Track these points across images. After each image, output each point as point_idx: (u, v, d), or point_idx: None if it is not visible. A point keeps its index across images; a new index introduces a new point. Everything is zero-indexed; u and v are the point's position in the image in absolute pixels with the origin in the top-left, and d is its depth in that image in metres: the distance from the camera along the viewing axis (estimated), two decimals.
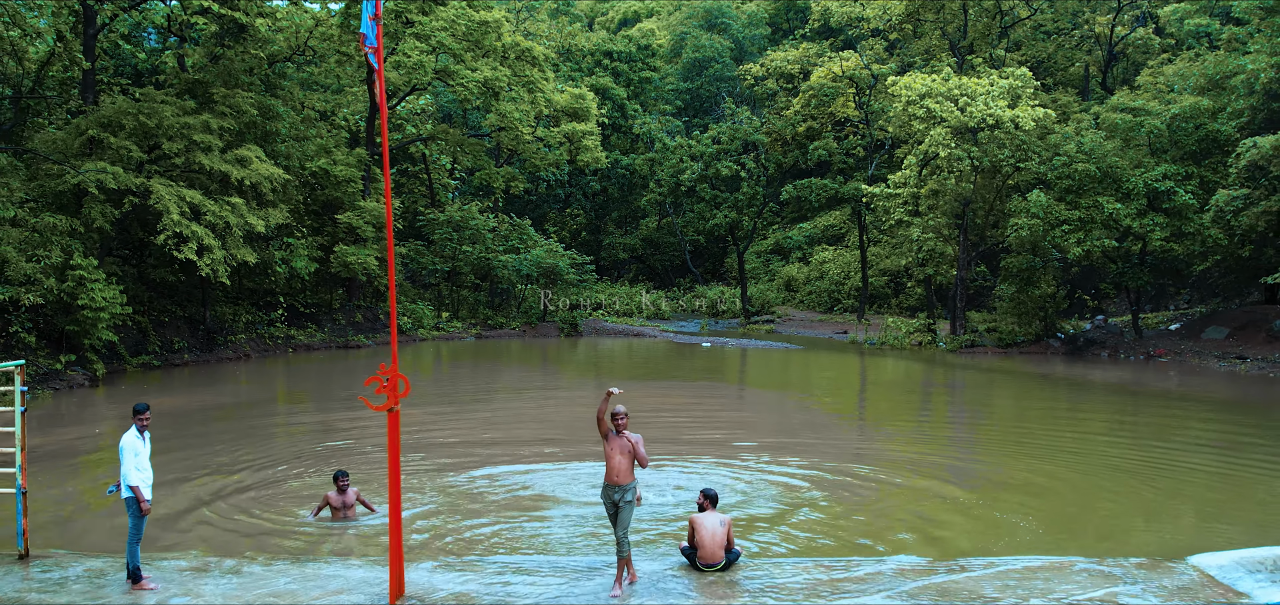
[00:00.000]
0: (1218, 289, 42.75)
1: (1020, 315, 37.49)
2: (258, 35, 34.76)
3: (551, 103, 46.18)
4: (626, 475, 9.65)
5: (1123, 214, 33.23)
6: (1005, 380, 29.92)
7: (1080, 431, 20.51)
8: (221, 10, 29.69)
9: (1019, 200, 35.05)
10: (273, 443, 19.24)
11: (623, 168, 63.04)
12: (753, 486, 14.83)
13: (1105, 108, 37.33)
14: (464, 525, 12.79)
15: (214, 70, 33.19)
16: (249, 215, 29.17)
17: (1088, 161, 33.92)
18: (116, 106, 28.51)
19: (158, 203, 27.20)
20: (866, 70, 52.14)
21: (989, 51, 48.21)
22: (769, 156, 55.17)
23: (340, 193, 38.80)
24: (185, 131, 28.66)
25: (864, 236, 53.08)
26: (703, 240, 63.72)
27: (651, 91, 67.58)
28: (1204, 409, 23.90)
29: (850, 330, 45.97)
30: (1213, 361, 33.50)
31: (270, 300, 36.81)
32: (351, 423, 21.74)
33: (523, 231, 48.12)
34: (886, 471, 16.14)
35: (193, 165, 28.98)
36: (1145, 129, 34.76)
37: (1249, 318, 36.72)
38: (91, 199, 26.86)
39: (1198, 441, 19.28)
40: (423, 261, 45.15)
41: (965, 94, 36.30)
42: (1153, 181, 33.57)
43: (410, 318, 41.84)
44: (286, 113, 35.63)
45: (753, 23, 76.71)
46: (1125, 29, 52.00)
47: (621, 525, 9.63)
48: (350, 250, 37.20)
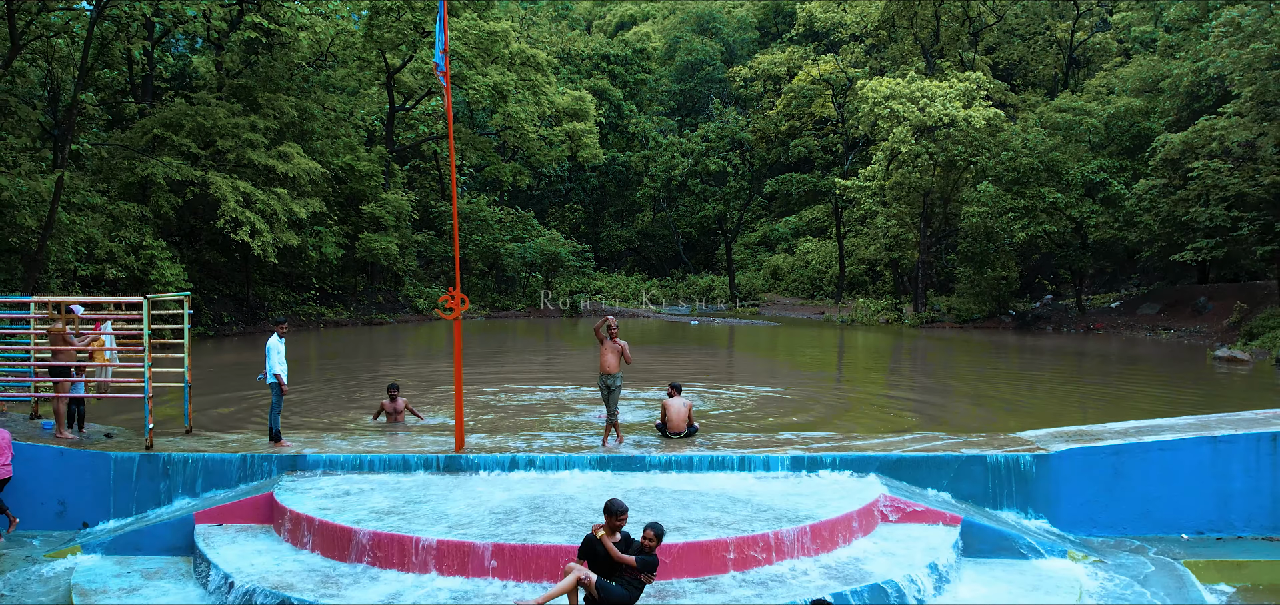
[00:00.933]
0: (1161, 273, 47.01)
1: (976, 295, 41.74)
2: (288, 42, 38.87)
3: (554, 104, 50.35)
4: (615, 368, 13.87)
5: (1062, 202, 37.48)
6: (954, 346, 34.19)
7: (994, 378, 24.80)
8: (269, 25, 33.91)
9: (971, 191, 39.30)
10: (330, 380, 23.44)
11: (619, 164, 67.18)
12: (722, 401, 19.10)
13: (1049, 108, 41.59)
14: (499, 422, 17.00)
15: (252, 75, 37.31)
16: (292, 204, 33.44)
17: (1031, 156, 38.16)
18: (177, 109, 32.72)
19: (216, 192, 31.43)
20: (842, 73, 56.33)
21: (959, 55, 52.45)
22: (754, 153, 59.38)
23: (364, 186, 43.00)
24: (236, 131, 32.90)
25: (841, 227, 57.28)
26: (695, 232, 67.89)
27: (646, 92, 71.69)
28: (1103, 364, 28.24)
29: (826, 312, 50.21)
30: (1143, 333, 37.78)
31: (303, 282, 41.03)
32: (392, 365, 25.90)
33: (527, 222, 52.31)
34: (834, 394, 20.41)
35: (243, 160, 33.22)
36: (1084, 127, 38.99)
37: (1179, 296, 41.01)
38: (158, 189, 31.08)
39: (1077, 382, 23.62)
40: (436, 249, 49.33)
41: (925, 96, 40.54)
42: (1089, 173, 37.81)
43: (426, 299, 46.03)
44: (320, 114, 39.85)
45: (742, 27, 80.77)
46: (1085, 34, 56.23)
47: (613, 402, 13.85)
48: (373, 237, 41.42)
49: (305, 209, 34.49)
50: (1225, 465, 13.33)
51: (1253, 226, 30.61)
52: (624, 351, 13.94)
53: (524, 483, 12.50)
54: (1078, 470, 13.24)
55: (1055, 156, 38.12)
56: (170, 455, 13.12)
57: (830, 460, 13.15)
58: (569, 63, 68.48)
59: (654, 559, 8.70)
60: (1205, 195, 32.45)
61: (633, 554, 8.66)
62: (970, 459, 13.18)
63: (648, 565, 8.67)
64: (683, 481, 12.55)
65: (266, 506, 12.02)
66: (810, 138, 57.30)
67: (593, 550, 8.69)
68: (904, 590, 10.12)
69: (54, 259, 26.74)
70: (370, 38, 41.71)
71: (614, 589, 8.50)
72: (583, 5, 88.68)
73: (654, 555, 8.70)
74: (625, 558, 8.60)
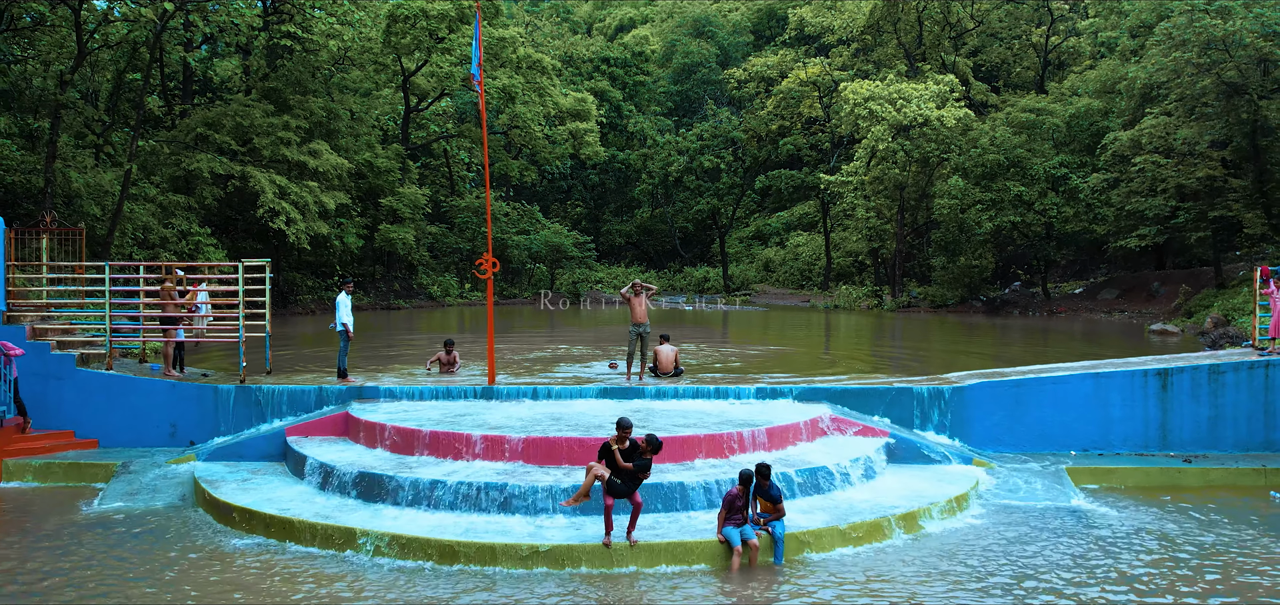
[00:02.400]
0: (1123, 263, 50.32)
1: (949, 282, 45.05)
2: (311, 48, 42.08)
3: (558, 105, 53.66)
4: (645, 318, 17.20)
5: (1027, 195, 40.77)
6: (925, 325, 37.50)
7: (950, 347, 28.13)
8: (303, 35, 37.24)
9: (943, 184, 42.60)
10: (366, 350, 26.73)
11: (619, 162, 70.50)
12: (712, 358, 22.41)
13: (1015, 108, 44.90)
14: (518, 372, 20.29)
15: (278, 78, 40.55)
16: (322, 196, 36.77)
17: (997, 152, 41.46)
18: (217, 110, 36.06)
19: (254, 185, 34.75)
20: (828, 76, 59.66)
21: (941, 58, 55.73)
22: (746, 151, 62.71)
23: (381, 181, 46.30)
24: (271, 129, 36.22)
25: (827, 221, 60.59)
26: (691, 227, 71.23)
27: (645, 94, 75.02)
28: (1054, 337, 31.54)
29: (811, 300, 53.55)
30: (1100, 314, 41.09)
31: (328, 269, 44.36)
32: (412, 339, 29.15)
33: (532, 216, 55.61)
34: (808, 356, 23.71)
35: (277, 156, 36.53)
36: (1047, 126, 42.30)
37: (1136, 281, 44.35)
38: (202, 181, 34.39)
39: (1023, 347, 26.92)
40: (447, 241, 52.65)
41: (902, 97, 43.84)
42: (1051, 168, 41.10)
43: (439, 287, 49.35)
44: (344, 114, 43.20)
45: (737, 30, 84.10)
46: (1059, 39, 59.53)
47: (645, 346, 17.19)
48: (391, 228, 44.72)
49: (333, 201, 37.83)
50: (1105, 396, 16.59)
51: (1188, 215, 33.88)
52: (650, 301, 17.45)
53: (544, 406, 15.81)
54: (986, 400, 16.53)
55: (1020, 153, 41.43)
56: (261, 387, 16.42)
57: (789, 391, 16.45)
58: (571, 65, 71.79)
59: (648, 461, 11.78)
60: (1152, 188, 35.74)
61: (634, 459, 11.76)
62: (901, 390, 16.48)
63: (643, 465, 11.76)
64: (670, 405, 15.85)
65: (342, 423, 15.32)
66: (799, 136, 60.61)
67: (608, 453, 11.82)
68: (834, 475, 13.41)
69: (116, 245, 30.01)
70: (388, 44, 44.99)
71: (619, 483, 11.61)
72: (583, 9, 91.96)
73: (648, 459, 11.78)
74: (626, 465, 11.71)
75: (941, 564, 10.80)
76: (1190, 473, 15.26)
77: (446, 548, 10.94)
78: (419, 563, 10.84)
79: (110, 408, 16.43)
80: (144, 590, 10.06)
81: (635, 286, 17.46)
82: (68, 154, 31.06)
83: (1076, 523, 12.62)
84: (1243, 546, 11.55)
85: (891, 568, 10.71)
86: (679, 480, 12.44)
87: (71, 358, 16.57)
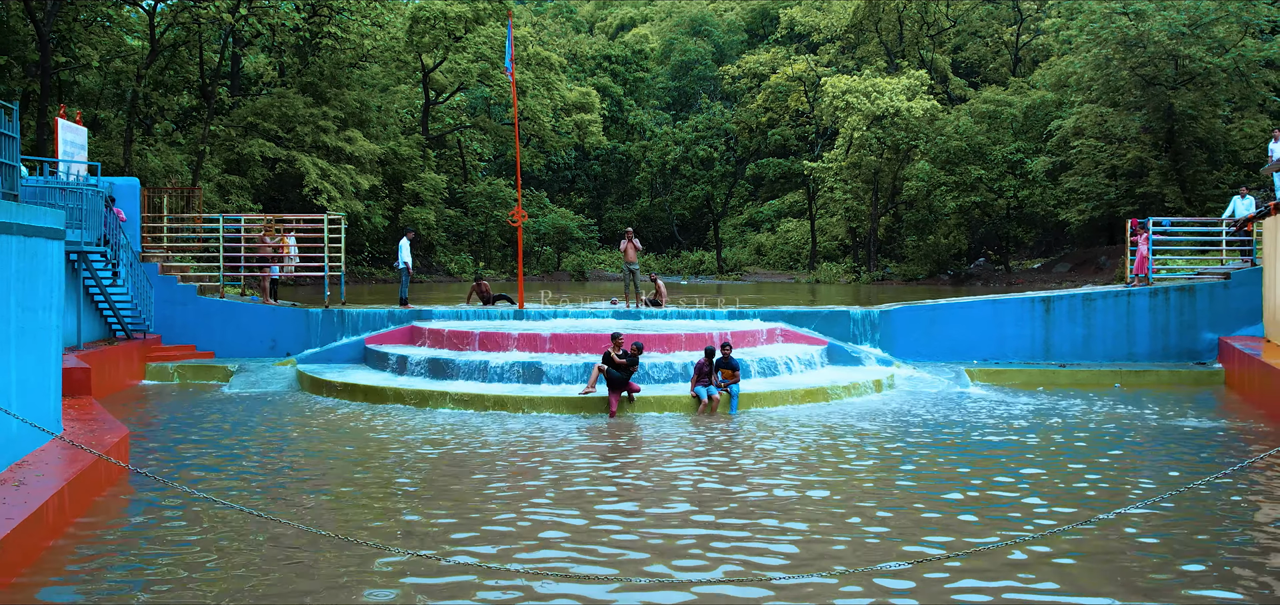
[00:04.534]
0: (1079, 241, 54.99)
1: (920, 259, 49.70)
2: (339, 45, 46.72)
3: (564, 98, 58.33)
4: (634, 259, 21.85)
5: (986, 178, 45.43)
6: (896, 292, 42.14)
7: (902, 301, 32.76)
8: (341, 35, 41.92)
9: (912, 169, 47.26)
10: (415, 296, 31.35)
11: (620, 154, 75.14)
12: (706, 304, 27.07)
13: (977, 99, 49.55)
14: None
15: (312, 73, 45.22)
16: (357, 178, 41.48)
17: (960, 139, 46.12)
18: (264, 101, 40.76)
19: (300, 167, 39.44)
20: (813, 72, 64.36)
21: (920, 54, 60.36)
22: (738, 141, 67.39)
23: (404, 167, 50.99)
24: (312, 118, 40.92)
25: (813, 206, 65.27)
26: (688, 215, 75.86)
27: (644, 89, 79.62)
28: None
29: (796, 277, 58.27)
30: (1053, 285, 45.67)
31: (357, 247, 49.02)
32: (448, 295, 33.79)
33: (540, 201, 60.27)
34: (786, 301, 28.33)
35: (317, 142, 41.21)
36: (1005, 116, 46.96)
37: (1087, 256, 48.99)
38: (254, 163, 39.08)
39: None
40: (463, 223, 57.34)
41: (876, 90, 48.49)
42: (1008, 154, 45.75)
43: (456, 264, 54.02)
44: (372, 105, 47.91)
45: (732, 29, 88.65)
46: (1029, 36, 64.17)
47: (635, 280, 21.84)
48: (414, 210, 49.39)
49: (367, 182, 42.52)
50: (1001, 318, 21.26)
51: (1118, 191, 38.55)
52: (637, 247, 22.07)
53: (565, 323, 20.49)
54: (908, 321, 21.20)
55: (980, 140, 46.09)
56: (343, 310, 21.12)
57: (753, 314, 21.14)
58: (575, 62, 76.42)
59: (636, 360, 16.21)
60: (1093, 169, 40.40)
61: (625, 357, 16.21)
62: (841, 312, 21.17)
63: (632, 360, 16.22)
64: (659, 323, 20.53)
65: (408, 334, 20.00)
66: (786, 128, 65.29)
67: (608, 357, 16.31)
68: (782, 365, 18.08)
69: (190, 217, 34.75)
70: (410, 42, 49.65)
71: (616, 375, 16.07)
72: (585, 8, 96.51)
73: (636, 358, 16.20)
74: (621, 362, 16.17)
75: (857, 417, 15.42)
76: (1062, 374, 19.88)
77: (498, 399, 15.62)
78: (477, 412, 15.50)
79: (223, 327, 21.11)
80: (283, 421, 14.74)
81: (628, 234, 22.05)
82: (136, 138, 35.72)
83: (965, 398, 17.29)
84: (1077, 409, 16.24)
85: (820, 417, 15.34)
86: (666, 361, 17.13)
87: (193, 288, 21.24)
